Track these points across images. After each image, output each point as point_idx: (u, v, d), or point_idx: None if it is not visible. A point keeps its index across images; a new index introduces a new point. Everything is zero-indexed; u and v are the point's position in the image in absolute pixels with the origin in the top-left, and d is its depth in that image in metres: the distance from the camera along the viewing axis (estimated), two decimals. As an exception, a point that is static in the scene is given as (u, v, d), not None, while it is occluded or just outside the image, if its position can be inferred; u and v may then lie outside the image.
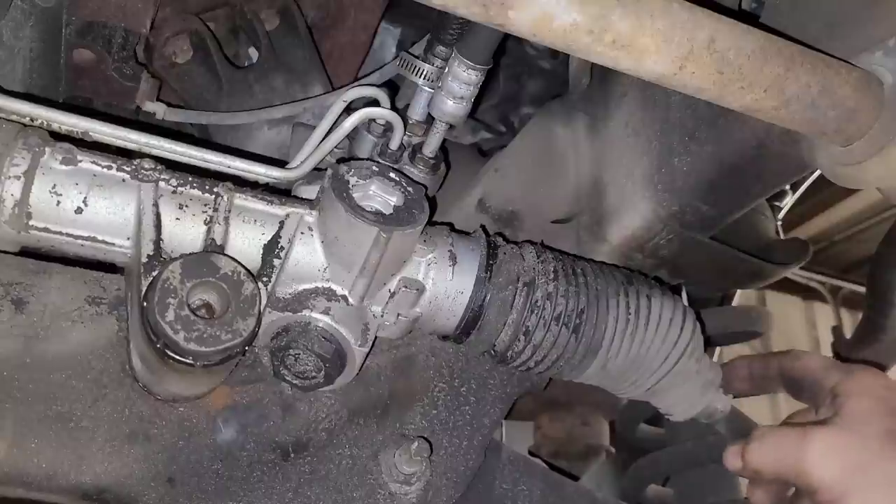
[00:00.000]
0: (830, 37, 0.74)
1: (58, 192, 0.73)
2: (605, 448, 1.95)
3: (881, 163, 0.71)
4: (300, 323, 0.77)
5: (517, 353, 0.85)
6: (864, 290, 1.30)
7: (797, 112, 0.68)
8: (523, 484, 0.97)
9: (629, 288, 0.88)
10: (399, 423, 0.89)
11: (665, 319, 0.87)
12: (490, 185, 1.02)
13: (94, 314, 0.80)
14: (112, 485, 0.77)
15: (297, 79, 1.15)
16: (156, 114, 1.09)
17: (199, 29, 1.12)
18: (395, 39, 1.32)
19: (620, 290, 0.87)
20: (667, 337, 0.87)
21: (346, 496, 0.84)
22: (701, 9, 0.64)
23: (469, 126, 1.26)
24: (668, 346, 0.87)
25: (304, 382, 0.79)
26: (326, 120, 0.88)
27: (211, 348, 0.66)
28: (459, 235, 0.87)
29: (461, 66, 0.84)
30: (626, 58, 0.62)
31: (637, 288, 0.88)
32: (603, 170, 1.02)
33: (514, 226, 1.02)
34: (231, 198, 0.77)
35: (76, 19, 1.01)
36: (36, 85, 0.97)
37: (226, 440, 0.81)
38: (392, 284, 0.80)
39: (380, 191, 0.79)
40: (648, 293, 0.88)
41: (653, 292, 0.88)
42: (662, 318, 0.87)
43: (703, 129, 0.90)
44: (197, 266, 0.69)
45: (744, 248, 1.04)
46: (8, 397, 0.75)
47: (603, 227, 1.00)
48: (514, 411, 1.02)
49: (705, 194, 0.93)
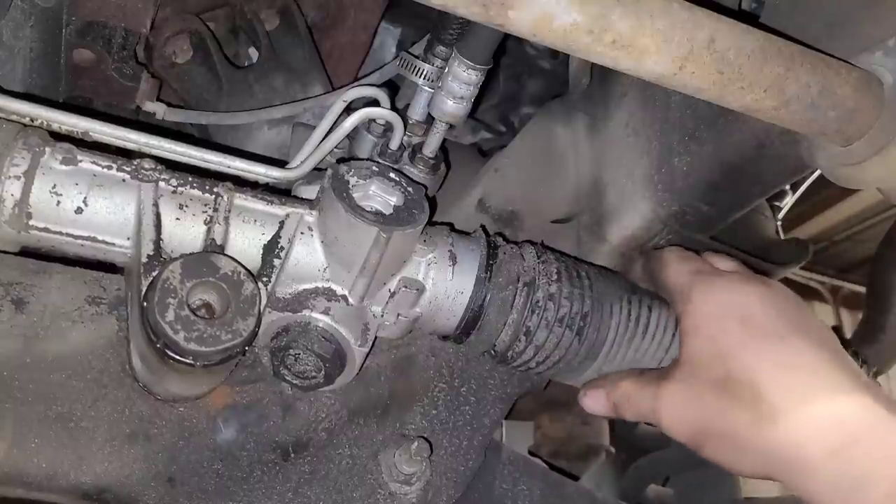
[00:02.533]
0: (830, 37, 0.74)
1: (58, 192, 0.73)
2: (605, 448, 1.94)
3: (881, 163, 0.71)
4: (300, 323, 0.77)
5: (518, 354, 0.86)
6: (864, 290, 1.30)
7: (797, 112, 0.68)
8: (523, 484, 0.97)
9: (632, 296, 0.88)
10: (399, 423, 0.89)
11: (661, 328, 0.87)
12: (490, 185, 1.02)
13: (94, 314, 0.80)
14: (112, 485, 0.77)
15: (297, 79, 1.15)
16: (156, 114, 1.09)
17: (199, 29, 1.12)
18: (395, 39, 1.32)
19: (623, 296, 0.87)
20: (661, 344, 0.87)
21: (346, 496, 0.84)
22: (701, 9, 0.64)
23: (469, 126, 1.26)
24: (662, 353, 0.87)
25: (304, 382, 0.79)
26: (326, 120, 0.88)
27: (211, 348, 0.66)
28: (459, 235, 0.87)
29: (461, 66, 0.84)
30: (626, 58, 0.62)
31: (640, 297, 0.88)
32: (603, 170, 1.02)
33: (514, 226, 1.02)
34: (231, 198, 0.77)
35: (76, 19, 1.01)
36: (36, 85, 0.97)
37: (226, 440, 0.81)
38: (392, 284, 0.80)
39: (380, 191, 0.79)
40: (650, 303, 0.88)
41: (653, 302, 0.89)
42: (659, 328, 0.87)
43: (703, 129, 0.90)
44: (197, 266, 0.69)
45: (744, 248, 1.04)
46: (8, 397, 0.75)
47: (603, 227, 1.00)
48: (514, 411, 1.02)
49: (705, 194, 0.93)
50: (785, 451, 0.72)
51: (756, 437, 0.73)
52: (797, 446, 0.71)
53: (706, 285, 0.82)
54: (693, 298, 0.81)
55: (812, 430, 0.71)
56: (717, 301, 0.80)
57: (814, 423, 0.71)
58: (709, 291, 0.81)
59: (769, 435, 0.72)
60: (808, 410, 0.72)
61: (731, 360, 0.76)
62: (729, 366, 0.76)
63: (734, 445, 0.75)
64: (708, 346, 0.78)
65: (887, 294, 1.27)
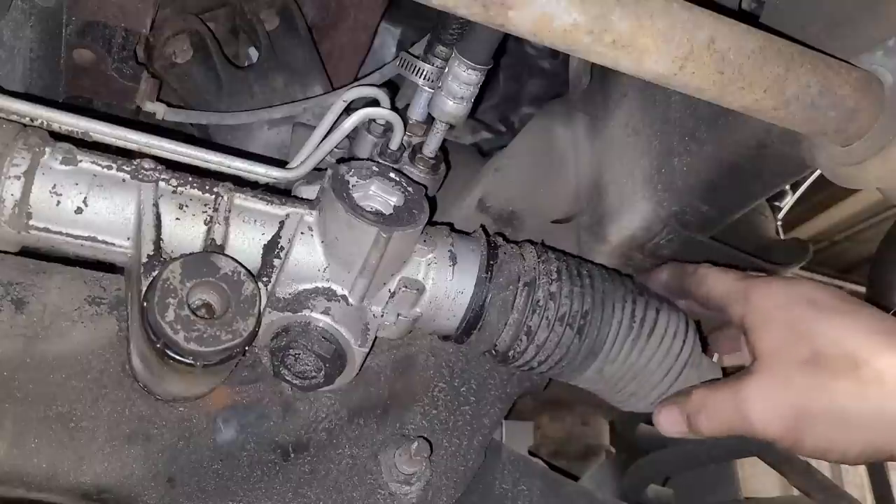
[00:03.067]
0: (830, 37, 0.74)
1: (58, 192, 0.73)
2: (605, 448, 1.95)
3: (881, 163, 0.70)
4: (300, 323, 0.77)
5: (519, 354, 0.85)
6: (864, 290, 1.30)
7: (797, 112, 0.68)
8: (523, 484, 0.97)
9: (638, 297, 0.88)
10: (399, 423, 0.89)
11: (670, 333, 0.87)
12: (490, 185, 1.02)
13: (94, 314, 0.80)
14: (112, 485, 0.77)
15: (297, 79, 1.15)
16: (156, 114, 1.09)
17: (199, 29, 1.12)
18: (395, 39, 1.32)
19: (628, 297, 0.87)
20: (670, 350, 0.87)
21: (346, 496, 0.84)
22: (701, 9, 0.64)
23: (469, 126, 1.26)
24: (671, 360, 0.87)
25: (304, 382, 0.79)
26: (326, 120, 0.88)
27: (211, 348, 0.66)
28: (459, 235, 0.87)
29: (461, 66, 0.84)
30: (626, 58, 0.62)
31: (646, 300, 0.88)
32: (603, 170, 1.02)
33: (514, 226, 1.02)
34: (231, 198, 0.77)
35: (76, 19, 1.01)
36: (36, 85, 0.98)
37: (226, 440, 0.81)
38: (392, 284, 0.80)
39: (380, 191, 0.79)
40: (658, 307, 0.88)
41: (663, 307, 0.89)
42: (668, 333, 0.87)
43: (703, 128, 0.90)
44: (197, 266, 0.69)
45: (744, 249, 1.04)
46: (8, 397, 0.75)
47: (603, 227, 1.00)
48: (514, 411, 1.02)
49: (705, 194, 0.93)
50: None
51: (864, 404, 0.70)
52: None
53: (760, 284, 0.81)
54: (752, 297, 0.80)
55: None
56: (778, 294, 0.79)
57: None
58: (766, 288, 0.81)
59: (878, 397, 0.70)
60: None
61: (817, 337, 0.74)
62: (815, 343, 0.74)
63: (840, 421, 0.72)
64: (785, 332, 0.76)
65: (887, 294, 1.27)
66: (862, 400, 0.71)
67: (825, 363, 0.73)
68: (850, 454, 0.74)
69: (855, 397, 0.71)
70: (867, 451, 0.73)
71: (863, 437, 0.72)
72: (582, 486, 1.09)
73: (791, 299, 0.78)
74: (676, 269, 0.93)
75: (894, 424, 0.70)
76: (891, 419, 0.70)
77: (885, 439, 0.71)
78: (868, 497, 3.77)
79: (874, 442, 0.72)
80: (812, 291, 0.78)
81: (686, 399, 0.82)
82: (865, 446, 0.72)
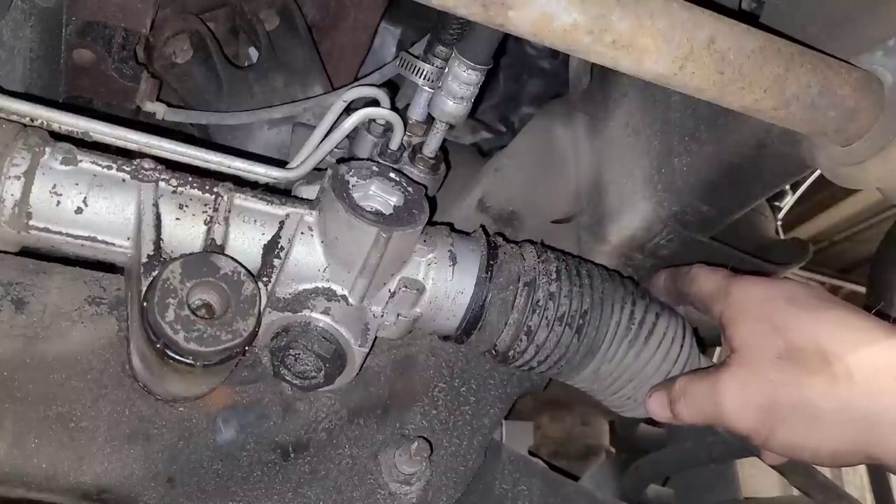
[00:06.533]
0: (830, 37, 0.74)
1: (58, 192, 0.73)
2: (605, 448, 1.95)
3: (881, 163, 0.70)
4: (300, 323, 0.77)
5: (519, 353, 0.86)
6: (864, 290, 1.30)
7: (797, 112, 0.68)
8: (523, 484, 0.97)
9: (638, 300, 0.88)
10: (399, 423, 0.89)
11: (668, 337, 0.87)
12: (490, 185, 1.02)
13: (94, 314, 0.80)
14: (112, 485, 0.77)
15: (297, 79, 1.15)
16: (156, 114, 1.09)
17: (199, 29, 1.12)
18: (395, 39, 1.32)
19: (627, 298, 0.87)
20: (668, 354, 0.87)
21: (346, 496, 0.84)
22: (701, 9, 0.64)
23: (469, 126, 1.26)
24: (669, 364, 0.87)
25: (304, 382, 0.79)
26: (326, 120, 0.88)
27: (211, 348, 0.66)
28: (459, 235, 0.87)
29: (461, 66, 0.84)
30: (626, 58, 0.62)
31: (646, 304, 0.88)
32: (603, 170, 1.02)
33: (514, 226, 1.02)
34: (231, 198, 0.77)
35: (76, 19, 1.01)
36: (36, 85, 0.97)
37: (226, 440, 0.81)
38: (392, 284, 0.80)
39: (380, 191, 0.79)
40: (658, 311, 0.88)
41: (663, 311, 0.89)
42: (667, 337, 0.87)
43: (703, 129, 0.90)
44: (197, 266, 0.69)
45: (744, 249, 1.04)
46: (8, 397, 0.75)
47: (603, 227, 1.00)
48: (514, 411, 1.02)
49: (705, 194, 0.93)
50: (870, 405, 0.69)
51: (835, 400, 0.70)
52: (880, 394, 0.68)
53: (742, 281, 0.82)
54: (732, 292, 0.81)
55: (893, 378, 0.69)
56: (757, 289, 0.80)
57: (893, 372, 0.69)
58: (746, 284, 0.81)
59: (848, 394, 0.69)
60: (885, 361, 0.70)
61: (790, 332, 0.74)
62: (789, 337, 0.74)
63: (810, 417, 0.71)
64: (760, 325, 0.76)
65: (887, 294, 1.27)
66: (831, 397, 0.70)
67: (798, 358, 0.73)
68: (821, 453, 0.73)
69: (824, 394, 0.71)
70: (841, 452, 0.72)
71: (833, 436, 0.71)
72: (582, 486, 1.09)
73: (769, 296, 0.79)
74: (672, 271, 0.93)
75: (864, 424, 0.69)
76: (860, 418, 0.69)
77: (859, 439, 0.70)
78: (868, 497, 3.77)
79: (846, 442, 0.71)
80: (791, 289, 0.79)
81: (671, 385, 0.83)
82: (838, 446, 0.72)
